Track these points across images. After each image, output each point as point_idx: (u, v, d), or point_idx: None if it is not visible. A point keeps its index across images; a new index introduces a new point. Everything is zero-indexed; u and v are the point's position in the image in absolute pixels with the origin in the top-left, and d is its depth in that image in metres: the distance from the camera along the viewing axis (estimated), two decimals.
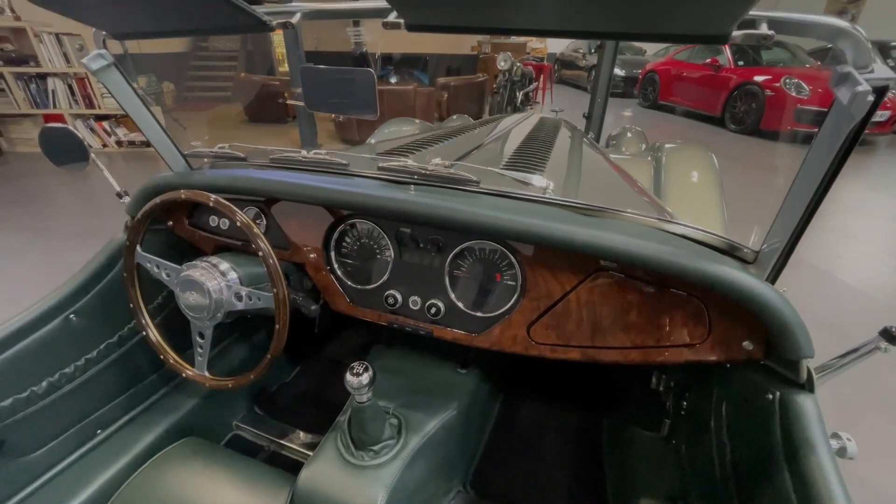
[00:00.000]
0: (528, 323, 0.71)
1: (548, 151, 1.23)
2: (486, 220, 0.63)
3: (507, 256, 0.71)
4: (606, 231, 0.59)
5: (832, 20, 0.40)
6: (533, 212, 0.65)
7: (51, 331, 0.82)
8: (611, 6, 0.44)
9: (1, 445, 0.78)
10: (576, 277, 0.66)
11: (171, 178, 0.85)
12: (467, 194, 0.72)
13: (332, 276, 0.83)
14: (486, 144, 1.31)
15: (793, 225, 0.53)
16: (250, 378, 0.82)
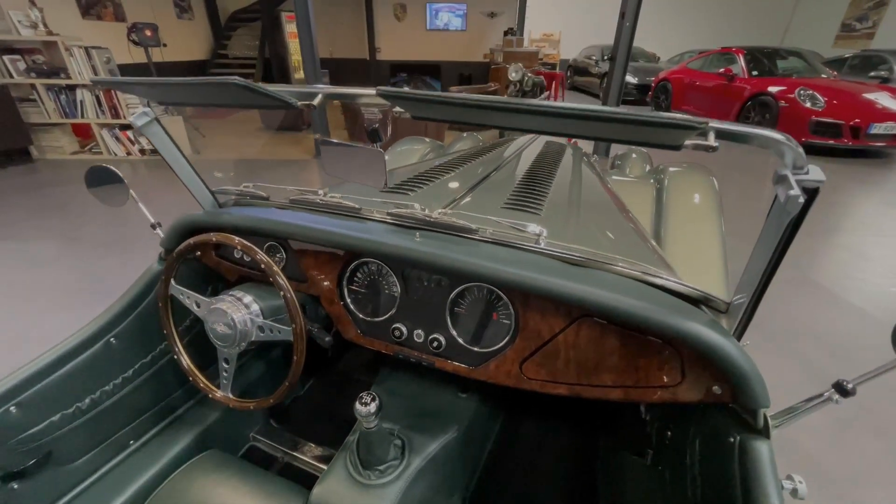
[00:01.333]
0: (520, 360, 0.78)
1: (549, 183, 1.30)
2: (481, 269, 0.71)
3: (502, 298, 0.78)
4: (589, 284, 0.66)
5: (770, 133, 0.46)
6: (524, 261, 0.72)
7: (94, 353, 0.91)
8: (575, 129, 0.53)
9: (49, 455, 0.88)
10: (563, 321, 0.73)
11: (202, 217, 0.94)
12: (467, 241, 0.79)
13: (344, 308, 0.92)
14: (492, 176, 1.38)
15: (754, 285, 0.59)
16: (269, 402, 0.90)
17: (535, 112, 0.51)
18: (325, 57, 10.48)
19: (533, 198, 1.12)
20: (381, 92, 0.54)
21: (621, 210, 1.31)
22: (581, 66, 12.29)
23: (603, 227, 1.06)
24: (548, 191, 1.21)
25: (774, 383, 2.03)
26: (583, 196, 1.32)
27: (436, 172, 1.37)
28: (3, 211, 3.46)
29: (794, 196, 0.44)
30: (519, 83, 5.90)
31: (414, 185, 1.20)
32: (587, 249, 0.84)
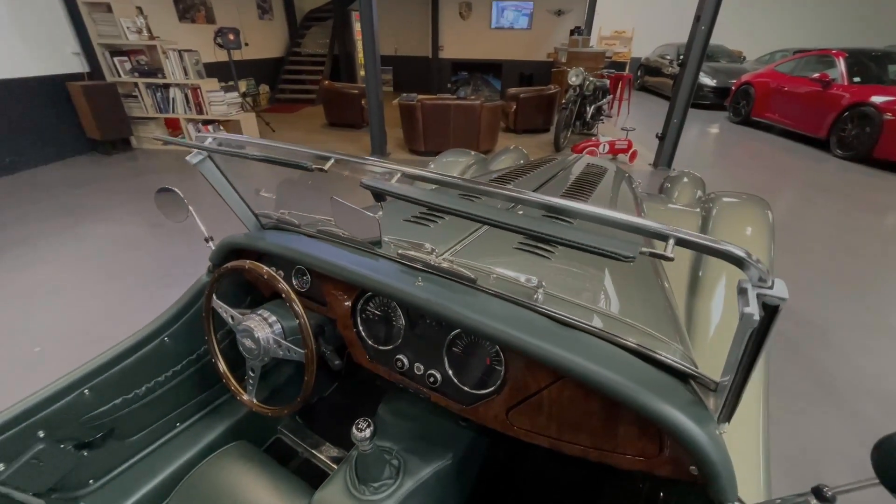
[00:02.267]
0: (507, 407, 0.82)
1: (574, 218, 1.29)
2: (468, 321, 0.75)
3: (494, 346, 0.82)
4: (571, 350, 0.68)
5: (731, 248, 0.45)
6: (513, 318, 0.75)
7: (151, 349, 1.08)
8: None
9: (112, 431, 1.06)
10: (547, 378, 0.75)
11: (242, 240, 1.07)
12: (465, 289, 0.84)
13: (356, 334, 1.00)
14: (518, 205, 1.39)
15: (734, 372, 0.58)
16: (284, 412, 1.02)
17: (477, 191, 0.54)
18: (390, 54, 10.82)
19: (542, 240, 1.13)
20: (364, 184, 0.60)
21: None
22: (654, 65, 11.54)
23: (615, 277, 1.05)
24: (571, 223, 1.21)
25: (822, 447, 1.83)
26: None
27: (467, 196, 1.41)
28: (108, 196, 4.01)
29: (750, 314, 0.44)
30: (579, 87, 5.71)
31: (434, 215, 1.25)
32: (587, 306, 0.85)
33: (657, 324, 0.86)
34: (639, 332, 0.80)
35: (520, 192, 0.61)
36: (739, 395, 0.61)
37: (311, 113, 8.13)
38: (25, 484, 0.90)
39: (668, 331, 0.86)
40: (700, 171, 2.49)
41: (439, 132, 5.38)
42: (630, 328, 0.80)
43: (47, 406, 0.92)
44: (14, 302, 2.46)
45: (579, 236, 0.52)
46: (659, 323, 0.88)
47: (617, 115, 8.50)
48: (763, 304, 0.44)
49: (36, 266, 2.82)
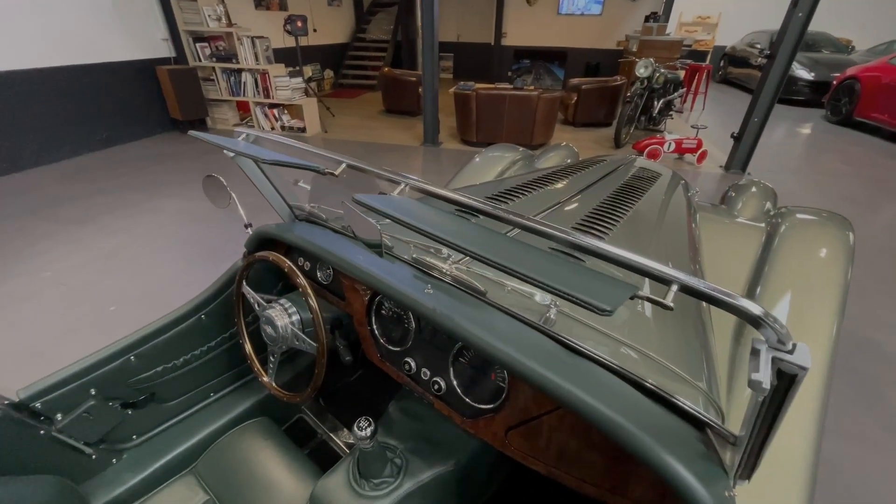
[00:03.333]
0: (507, 426, 0.79)
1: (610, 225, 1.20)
2: (469, 336, 0.73)
3: None
4: (574, 383, 0.63)
5: (747, 305, 0.38)
6: (517, 339, 0.72)
7: (189, 325, 1.18)
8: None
9: (153, 395, 1.17)
10: (549, 404, 0.72)
11: (273, 230, 1.12)
12: (474, 302, 0.81)
13: (369, 331, 1.02)
14: (557, 209, 1.32)
15: (751, 427, 0.51)
16: (297, 400, 1.07)
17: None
18: (451, 41, 10.73)
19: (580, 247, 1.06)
20: (356, 199, 0.59)
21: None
22: (740, 55, 10.44)
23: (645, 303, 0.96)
24: (604, 236, 1.13)
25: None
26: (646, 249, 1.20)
27: (502, 196, 1.37)
28: (181, 172, 4.40)
29: (758, 381, 0.37)
30: (647, 80, 5.32)
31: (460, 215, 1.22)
32: (602, 331, 0.79)
33: (682, 360, 0.78)
34: (657, 366, 0.73)
35: (513, 215, 0.56)
36: (761, 451, 0.54)
37: (370, 99, 8.31)
38: (78, 434, 1.02)
39: (694, 369, 0.78)
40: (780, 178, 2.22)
41: (493, 123, 5.28)
42: (647, 361, 0.74)
43: (99, 368, 1.04)
44: (99, 264, 2.79)
45: (555, 275, 0.47)
46: (685, 359, 0.80)
47: (690, 110, 7.84)
48: (778, 370, 0.38)
49: (118, 234, 3.18)
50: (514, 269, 0.48)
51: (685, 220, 1.51)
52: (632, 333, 0.81)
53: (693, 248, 1.33)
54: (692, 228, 1.47)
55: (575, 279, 0.46)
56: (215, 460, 1.16)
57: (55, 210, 3.52)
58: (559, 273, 0.48)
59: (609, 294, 0.43)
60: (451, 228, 0.60)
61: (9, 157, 4.22)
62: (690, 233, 1.41)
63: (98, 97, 4.87)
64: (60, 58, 4.47)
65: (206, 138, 0.90)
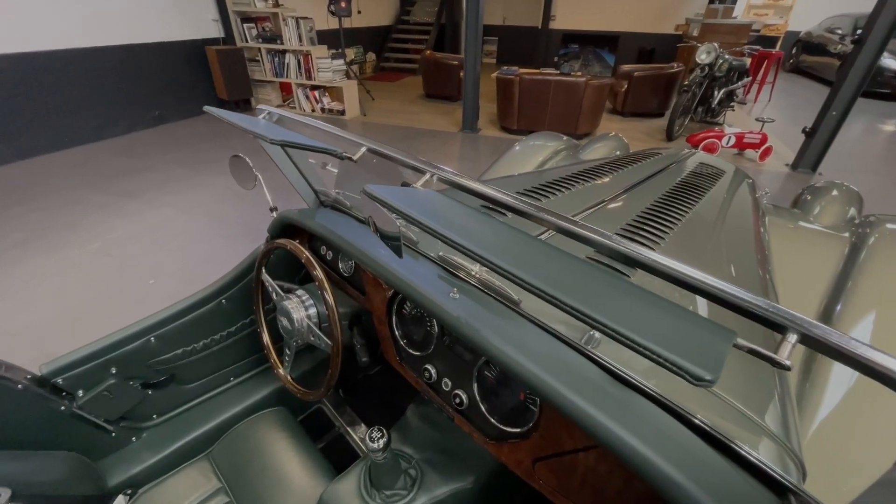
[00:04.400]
0: (535, 456, 0.69)
1: (664, 230, 1.06)
2: (501, 356, 0.63)
3: None
4: (622, 423, 0.53)
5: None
6: (556, 360, 0.62)
7: (210, 309, 1.15)
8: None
9: (173, 377, 1.16)
10: (587, 440, 0.61)
11: (295, 216, 1.06)
12: (506, 312, 0.71)
13: (389, 331, 0.94)
14: (605, 206, 1.18)
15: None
16: (310, 397, 1.01)
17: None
18: (497, 24, 10.37)
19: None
20: (367, 190, 0.50)
21: (761, 289, 1.00)
22: (816, 41, 9.44)
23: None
24: (656, 244, 0.99)
25: None
26: (706, 259, 1.05)
27: (541, 190, 1.25)
28: (225, 151, 4.51)
29: None
30: (708, 67, 4.88)
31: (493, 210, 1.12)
32: None
33: (753, 400, 0.65)
34: (724, 407, 0.61)
35: (548, 214, 0.45)
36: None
37: (411, 83, 8.21)
38: (99, 411, 1.02)
39: (769, 413, 0.65)
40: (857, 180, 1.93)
41: (536, 110, 5.05)
42: (711, 399, 0.61)
43: (120, 347, 1.03)
44: (144, 237, 2.90)
45: (636, 320, 0.35)
46: (756, 399, 0.66)
47: (754, 101, 7.20)
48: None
49: (164, 209, 3.29)
50: (554, 296, 0.38)
51: (752, 226, 1.32)
52: None
53: (762, 258, 1.15)
54: (760, 234, 1.29)
55: (649, 319, 0.34)
56: (230, 448, 1.13)
57: (109, 183, 3.70)
58: (621, 306, 0.37)
59: (700, 347, 0.31)
60: (476, 232, 0.50)
61: (73, 132, 4.49)
62: (759, 240, 1.23)
63: (152, 76, 5.06)
64: (119, 36, 4.66)
65: (221, 115, 0.84)
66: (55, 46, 4.18)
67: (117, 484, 1.03)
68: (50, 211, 3.22)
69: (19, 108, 4.03)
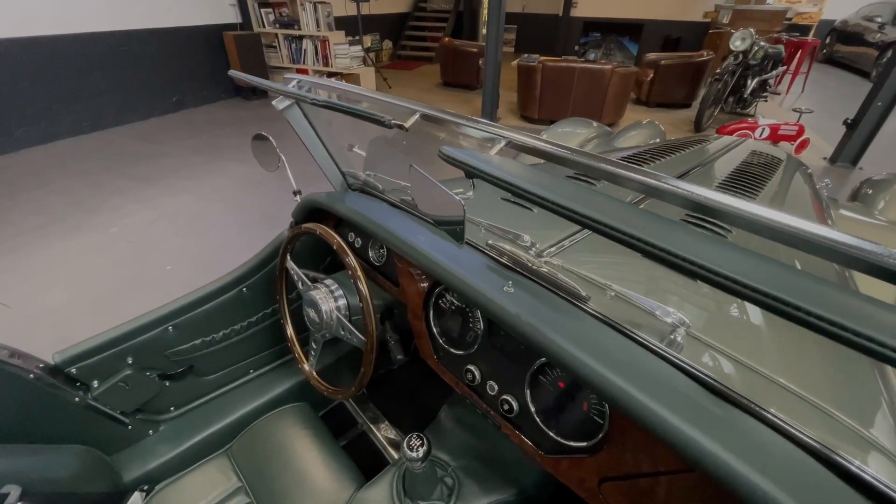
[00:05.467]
0: (601, 476, 0.60)
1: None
2: (571, 360, 0.54)
3: None
4: (730, 448, 0.43)
5: None
6: (636, 367, 0.52)
7: (229, 297, 1.08)
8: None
9: (191, 368, 1.10)
10: (674, 463, 0.52)
11: (323, 200, 0.98)
12: (570, 309, 0.62)
13: (426, 327, 0.86)
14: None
15: None
16: (338, 396, 0.94)
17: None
18: (516, 11, 10.10)
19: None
20: (442, 155, 0.41)
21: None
22: (852, 30, 8.98)
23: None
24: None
25: None
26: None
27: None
28: (243, 137, 4.47)
29: None
30: (743, 54, 4.65)
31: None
32: (748, 366, 0.57)
33: (866, 416, 0.55)
34: (834, 423, 0.51)
35: (676, 186, 0.37)
36: None
37: (428, 71, 8.06)
38: (114, 402, 0.96)
39: (882, 430, 0.55)
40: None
41: (558, 99, 4.88)
42: (822, 416, 0.51)
43: (136, 336, 0.96)
44: (161, 223, 2.87)
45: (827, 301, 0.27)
46: (870, 414, 0.56)
47: (786, 92, 6.88)
48: None
49: (181, 194, 3.26)
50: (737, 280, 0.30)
51: (821, 220, 1.20)
52: (791, 372, 0.58)
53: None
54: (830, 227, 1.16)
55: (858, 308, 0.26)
56: (250, 444, 1.07)
57: (128, 168, 3.68)
58: (817, 291, 0.28)
59: None
60: (582, 198, 0.41)
61: (93, 117, 4.49)
62: None
63: (171, 61, 5.03)
64: (138, 21, 4.63)
65: (249, 79, 0.76)
66: (74, 30, 4.16)
67: (133, 479, 0.98)
68: (69, 195, 3.21)
69: (39, 93, 4.03)
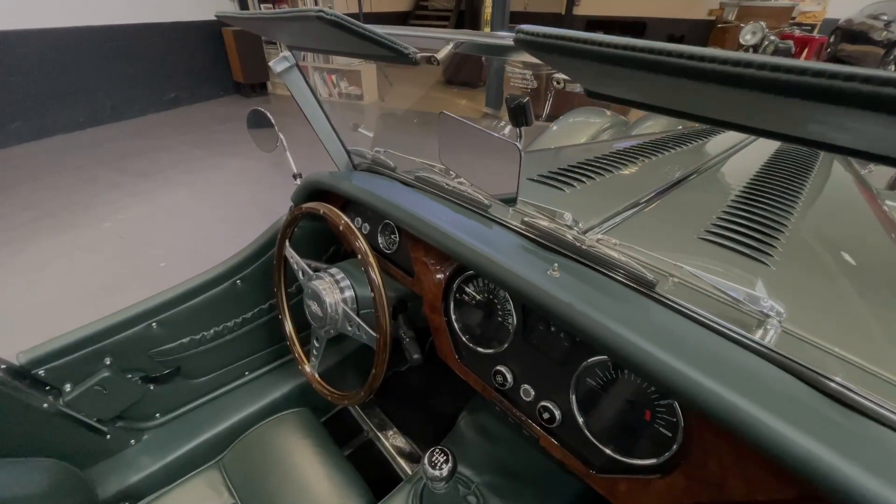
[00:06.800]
0: (674, 501, 0.49)
1: (787, 207, 0.85)
2: (648, 362, 0.43)
3: (668, 398, 0.49)
4: (863, 464, 0.32)
5: None
6: (736, 370, 0.41)
7: (221, 291, 0.97)
8: None
9: (179, 370, 0.99)
10: (776, 489, 0.41)
11: (327, 179, 0.87)
12: (634, 296, 0.51)
13: (445, 322, 0.74)
14: (690, 180, 0.98)
15: None
16: (345, 402, 0.82)
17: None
18: (518, 10, 10.01)
19: (757, 230, 0.72)
20: (519, 37, 0.30)
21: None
22: (857, 28, 8.84)
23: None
24: (785, 221, 0.78)
25: None
26: (851, 241, 0.82)
27: (607, 162, 1.04)
28: (242, 133, 4.36)
29: None
30: (753, 48, 4.54)
31: (571, 176, 0.91)
32: (867, 367, 0.46)
33: None
34: None
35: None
36: None
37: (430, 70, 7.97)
38: (90, 409, 0.85)
39: None
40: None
41: (563, 95, 4.77)
42: None
43: (115, 333, 0.85)
44: (157, 218, 2.76)
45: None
46: None
47: None
48: None
49: (178, 189, 3.15)
50: None
51: (876, 209, 1.09)
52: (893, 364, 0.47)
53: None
54: (888, 219, 1.05)
55: None
56: (245, 455, 0.96)
57: (124, 163, 3.58)
58: None
59: None
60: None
61: (89, 113, 4.38)
62: (892, 227, 1.00)
63: (168, 58, 4.93)
64: (135, 15, 4.53)
65: (240, 14, 0.65)
66: (69, 24, 4.05)
67: (111, 496, 0.86)
68: (62, 190, 3.10)
69: (33, 88, 3.92)
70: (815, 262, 0.70)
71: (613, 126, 2.19)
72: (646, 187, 0.90)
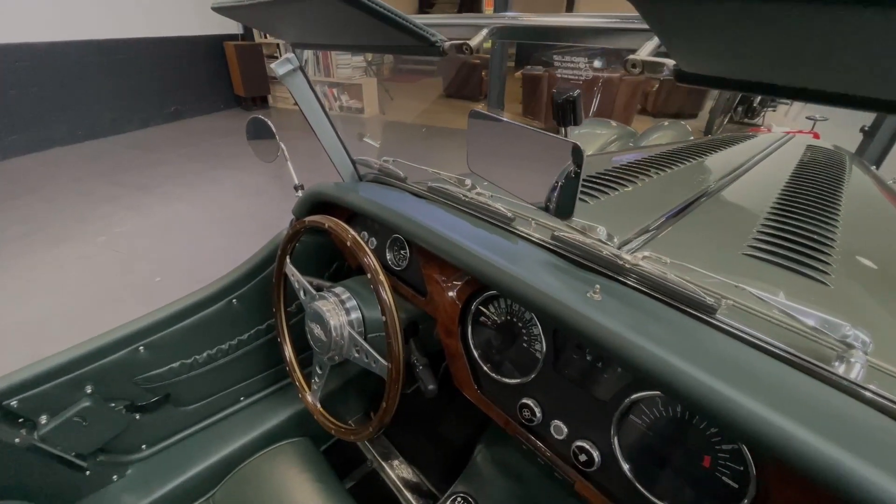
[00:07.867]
0: None
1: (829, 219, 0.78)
2: (719, 402, 0.36)
3: (735, 443, 0.42)
4: None
5: None
6: (821, 407, 0.34)
7: (215, 311, 0.90)
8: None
9: (168, 397, 0.91)
10: None
11: (332, 191, 0.81)
12: (690, 322, 0.44)
13: (463, 348, 0.67)
14: (719, 193, 0.92)
15: None
16: (350, 437, 0.75)
17: None
18: None
19: (804, 244, 0.66)
20: None
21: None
22: None
23: None
24: (832, 235, 0.71)
25: None
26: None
27: (625, 173, 0.98)
28: (242, 147, 4.33)
29: None
30: None
31: (591, 186, 0.85)
32: None
33: None
34: None
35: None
36: None
37: (430, 84, 8.02)
38: (68, 443, 0.77)
39: None
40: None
41: None
42: None
43: (97, 359, 0.78)
44: (153, 232, 2.69)
45: None
46: None
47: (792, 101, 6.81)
48: None
49: (175, 203, 3.09)
50: None
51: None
52: None
53: None
54: None
55: None
56: (239, 490, 0.88)
57: (121, 176, 3.53)
58: None
59: None
60: None
61: (88, 126, 4.35)
62: None
63: (169, 71, 4.94)
64: (137, 29, 4.54)
65: (238, 2, 0.59)
66: (68, 37, 4.05)
67: None
68: (57, 202, 3.04)
69: (31, 100, 3.90)
70: (874, 279, 0.64)
71: (621, 137, 2.15)
72: (672, 200, 0.84)
